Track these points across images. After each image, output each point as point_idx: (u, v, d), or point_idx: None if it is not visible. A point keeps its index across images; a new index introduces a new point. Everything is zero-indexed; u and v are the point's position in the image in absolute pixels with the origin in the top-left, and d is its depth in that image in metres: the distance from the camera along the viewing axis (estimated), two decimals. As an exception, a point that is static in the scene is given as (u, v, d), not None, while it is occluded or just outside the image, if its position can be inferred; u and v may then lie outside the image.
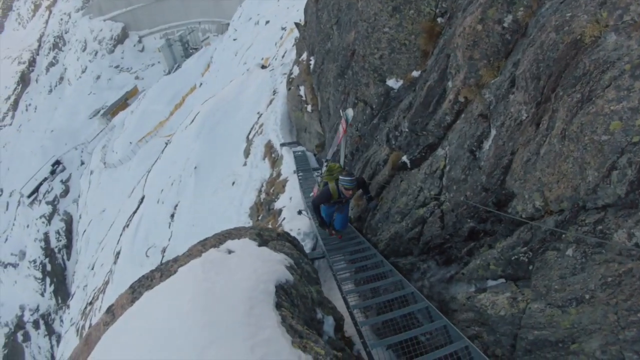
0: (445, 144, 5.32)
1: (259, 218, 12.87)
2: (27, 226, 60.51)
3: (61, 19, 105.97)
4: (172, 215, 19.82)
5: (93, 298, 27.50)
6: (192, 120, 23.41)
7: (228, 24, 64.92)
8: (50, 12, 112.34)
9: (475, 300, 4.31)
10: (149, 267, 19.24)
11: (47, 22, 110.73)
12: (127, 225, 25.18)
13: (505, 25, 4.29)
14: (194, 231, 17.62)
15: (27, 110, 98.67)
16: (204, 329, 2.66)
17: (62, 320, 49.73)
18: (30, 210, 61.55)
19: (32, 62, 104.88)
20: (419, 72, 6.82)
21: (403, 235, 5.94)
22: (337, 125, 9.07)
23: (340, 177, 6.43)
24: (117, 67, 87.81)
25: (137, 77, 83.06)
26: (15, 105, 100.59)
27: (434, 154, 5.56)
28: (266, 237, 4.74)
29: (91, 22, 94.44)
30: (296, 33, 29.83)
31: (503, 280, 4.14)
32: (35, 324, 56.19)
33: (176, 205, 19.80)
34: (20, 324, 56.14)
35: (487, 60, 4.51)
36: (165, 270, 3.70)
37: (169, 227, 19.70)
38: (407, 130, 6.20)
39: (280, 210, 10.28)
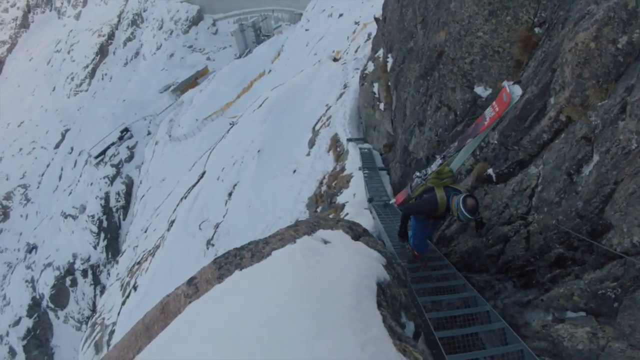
0: (539, 163, 5.02)
1: (317, 209, 12.83)
2: (91, 184, 64.42)
3: None
4: (230, 194, 20.25)
5: (142, 259, 28.72)
6: (261, 105, 23.73)
7: (301, 14, 65.32)
8: None
9: (552, 330, 4.12)
10: (200, 239, 20.04)
11: (127, 0, 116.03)
12: (185, 197, 25.96)
13: (619, 46, 3.96)
14: (249, 212, 17.92)
15: (102, 79, 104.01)
16: (310, 319, 2.60)
17: (109, 274, 52.79)
18: (95, 170, 65.47)
19: (111, 36, 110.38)
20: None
21: (481, 251, 5.68)
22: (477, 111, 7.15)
23: (461, 207, 4.86)
24: (190, 47, 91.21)
25: (208, 58, 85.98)
26: (92, 74, 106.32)
27: (525, 171, 5.25)
28: (356, 231, 4.62)
29: (169, 2, 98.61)
30: (369, 29, 29.52)
31: (583, 313, 3.93)
32: (84, 273, 60.79)
33: (235, 185, 20.19)
34: (70, 270, 60.81)
35: (596, 81, 4.21)
36: (256, 251, 3.65)
37: (225, 204, 20.16)
38: (495, 142, 5.90)
39: (343, 205, 10.18)
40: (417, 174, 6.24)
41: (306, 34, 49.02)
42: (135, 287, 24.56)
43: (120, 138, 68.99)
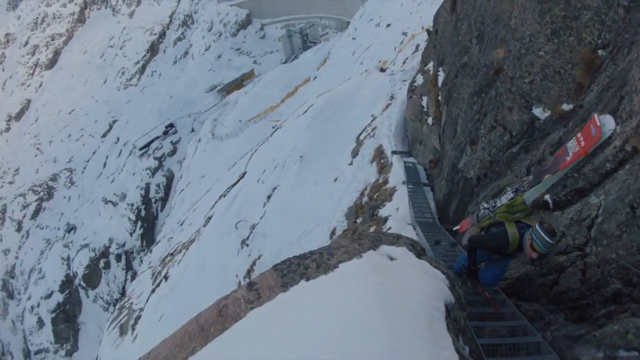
0: (600, 193, 4.79)
1: (357, 220, 12.74)
2: (133, 174, 67.01)
3: (192, 0, 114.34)
4: (269, 197, 20.39)
5: (175, 250, 29.33)
6: (306, 111, 23.84)
7: (348, 23, 65.52)
8: None
9: (602, 368, 3.89)
10: (235, 238, 20.30)
11: (179, 1, 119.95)
12: (224, 195, 26.33)
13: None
14: (287, 216, 17.98)
15: (152, 75, 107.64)
16: (388, 336, 2.57)
17: (141, 261, 54.80)
18: (138, 161, 67.94)
19: (162, 35, 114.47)
20: (570, 106, 6.26)
21: (534, 280, 5.49)
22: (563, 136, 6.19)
23: (537, 230, 4.31)
24: (237, 49, 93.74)
25: (255, 62, 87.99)
26: (142, 70, 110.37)
27: (585, 201, 5.02)
28: (417, 249, 4.57)
29: (219, 5, 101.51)
30: (417, 40, 29.25)
31: (636, 353, 3.75)
32: (118, 257, 63.60)
33: (275, 188, 20.33)
34: (105, 253, 63.59)
35: (666, 113, 4.01)
36: (321, 263, 3.63)
37: (264, 206, 20.31)
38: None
39: (385, 219, 10.06)
40: (485, 205, 5.66)
41: (353, 43, 49.09)
42: (166, 277, 25.08)
43: (165, 133, 71.37)
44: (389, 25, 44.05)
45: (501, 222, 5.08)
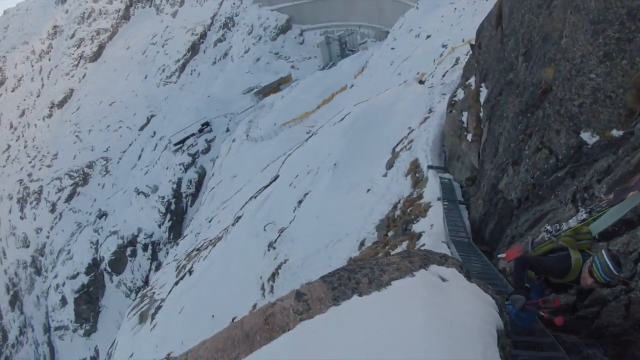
0: (649, 226, 4.63)
1: (389, 233, 12.61)
2: (167, 168, 69.29)
3: (234, 3, 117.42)
4: (300, 202, 20.44)
5: (202, 246, 29.75)
6: (342, 119, 23.84)
7: (388, 32, 65.37)
8: None
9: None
10: (263, 240, 20.34)
11: (221, 4, 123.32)
12: (255, 197, 26.56)
13: None
14: (317, 223, 17.94)
15: (191, 74, 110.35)
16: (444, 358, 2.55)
17: (167, 253, 56.44)
18: (173, 156, 70.17)
19: (203, 36, 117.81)
20: (621, 133, 6.04)
21: (575, 311, 5.31)
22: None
23: (603, 255, 3.89)
24: (276, 54, 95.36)
25: (293, 67, 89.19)
26: (182, 68, 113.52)
27: (633, 233, 4.83)
28: (466, 271, 4.51)
29: (260, 10, 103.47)
30: (457, 53, 28.92)
31: None
32: (145, 247, 65.90)
33: (307, 194, 20.36)
34: (133, 242, 66.16)
35: None
36: (374, 279, 3.60)
37: (294, 211, 20.34)
38: (602, 196, 5.50)
39: (419, 235, 9.92)
40: (548, 227, 5.04)
41: (392, 53, 48.89)
42: (190, 272, 25.51)
43: (201, 131, 73.28)
44: (429, 37, 43.72)
45: (564, 247, 4.60)
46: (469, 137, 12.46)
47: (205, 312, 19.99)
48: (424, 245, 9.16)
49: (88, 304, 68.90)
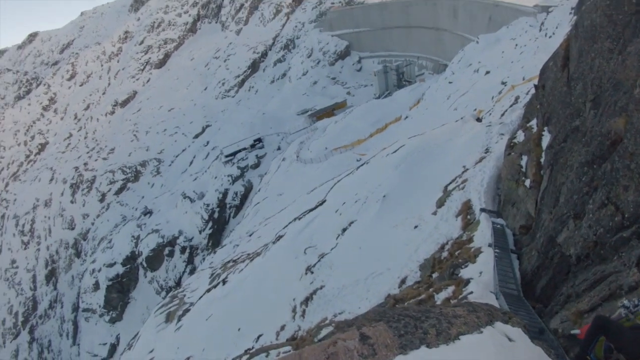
0: None
1: (433, 274, 12.16)
2: (215, 177, 71.54)
3: (296, 26, 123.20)
4: (344, 230, 20.23)
5: (239, 258, 29.93)
6: (395, 151, 23.56)
7: (446, 65, 65.04)
8: (288, 18, 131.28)
9: None
10: (301, 262, 20.26)
11: (283, 26, 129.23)
12: (299, 218, 26.57)
13: None
14: (358, 253, 17.68)
15: (249, 90, 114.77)
16: None
17: (203, 259, 58.37)
18: (222, 167, 72.41)
19: (264, 54, 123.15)
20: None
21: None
22: None
23: None
24: (333, 78, 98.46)
25: (348, 93, 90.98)
26: (241, 84, 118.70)
27: None
28: (530, 332, 4.30)
29: (320, 34, 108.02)
30: (517, 91, 28.13)
31: None
32: (182, 250, 68.37)
33: (352, 222, 20.13)
34: (172, 242, 68.79)
35: None
36: (441, 330, 3.52)
37: (337, 238, 20.18)
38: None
39: (467, 281, 9.46)
40: (625, 302, 4.54)
41: (449, 87, 48.34)
42: (224, 281, 25.77)
43: (252, 146, 75.31)
44: (488, 72, 42.97)
45: None
46: (527, 182, 11.92)
47: (232, 323, 20.09)
48: (471, 292, 8.72)
49: (118, 293, 72.32)
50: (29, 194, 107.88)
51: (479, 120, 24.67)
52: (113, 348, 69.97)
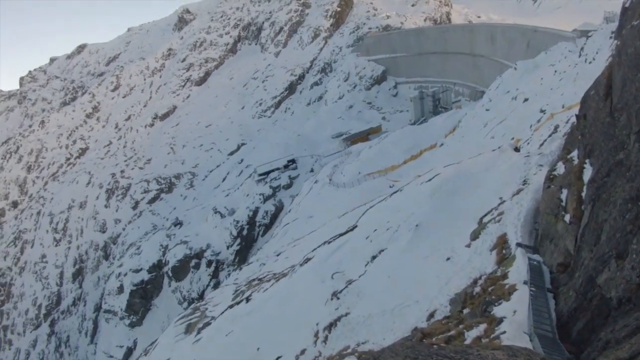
0: None
1: (463, 310, 11.69)
2: (247, 195, 72.96)
3: (333, 50, 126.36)
4: (374, 257, 19.93)
5: (264, 277, 29.85)
6: (430, 179, 23.16)
7: (483, 92, 64.23)
8: (326, 42, 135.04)
9: None
10: (328, 287, 20.05)
11: (321, 49, 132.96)
12: (329, 242, 26.34)
13: None
14: (387, 282, 17.33)
15: (285, 111, 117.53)
16: None
17: (229, 274, 59.07)
18: (255, 185, 73.76)
19: (301, 77, 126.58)
20: None
21: None
22: None
23: None
24: (369, 103, 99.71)
25: (383, 118, 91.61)
26: (278, 105, 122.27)
27: None
28: None
29: (357, 59, 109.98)
30: (556, 120, 27.34)
31: None
32: (209, 263, 69.45)
33: (382, 250, 19.81)
34: (199, 255, 69.97)
35: None
36: None
37: (366, 265, 19.87)
38: None
39: (500, 320, 9.03)
40: None
41: (485, 114, 47.52)
42: (247, 299, 25.80)
43: (286, 166, 76.16)
44: (526, 99, 41.91)
45: None
46: (567, 217, 11.39)
47: (252, 342, 19.95)
48: (504, 332, 8.32)
49: (141, 299, 74.23)
50: (66, 194, 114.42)
51: (516, 150, 24.03)
52: (129, 351, 71.79)
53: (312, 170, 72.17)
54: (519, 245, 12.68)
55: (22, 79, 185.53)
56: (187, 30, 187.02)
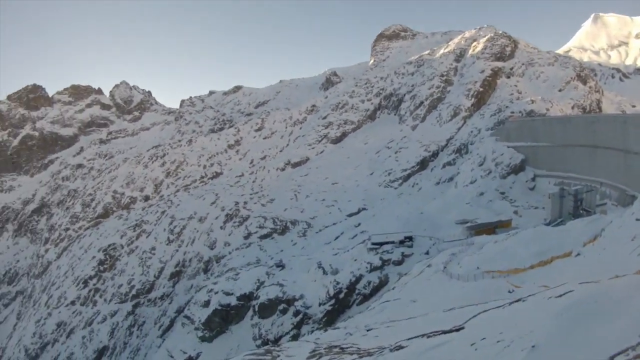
0: None
1: None
2: (355, 260, 72.29)
3: (471, 131, 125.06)
4: (475, 367, 17.76)
5: (347, 349, 28.29)
6: (560, 295, 20.50)
7: (634, 197, 56.48)
8: (465, 122, 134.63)
9: None
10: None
11: (459, 129, 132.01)
12: (428, 336, 24.34)
13: None
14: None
15: (413, 186, 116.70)
16: None
17: (312, 331, 59.01)
18: (365, 253, 73.06)
19: (435, 154, 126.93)
20: None
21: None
22: None
23: None
24: (502, 193, 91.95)
25: (515, 212, 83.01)
26: (406, 178, 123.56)
27: None
28: None
29: (496, 144, 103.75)
30: None
31: None
32: (296, 313, 69.50)
33: (488, 368, 17.61)
34: (289, 301, 70.87)
35: None
36: None
37: (470, 375, 17.74)
38: None
39: None
40: None
41: (635, 225, 41.46)
42: None
43: (401, 242, 74.34)
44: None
45: None
46: None
47: None
48: None
49: (221, 320, 77.32)
50: (191, 205, 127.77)
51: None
52: (189, 360, 74.58)
53: (427, 253, 68.75)
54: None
55: (183, 101, 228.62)
56: (332, 91, 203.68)
